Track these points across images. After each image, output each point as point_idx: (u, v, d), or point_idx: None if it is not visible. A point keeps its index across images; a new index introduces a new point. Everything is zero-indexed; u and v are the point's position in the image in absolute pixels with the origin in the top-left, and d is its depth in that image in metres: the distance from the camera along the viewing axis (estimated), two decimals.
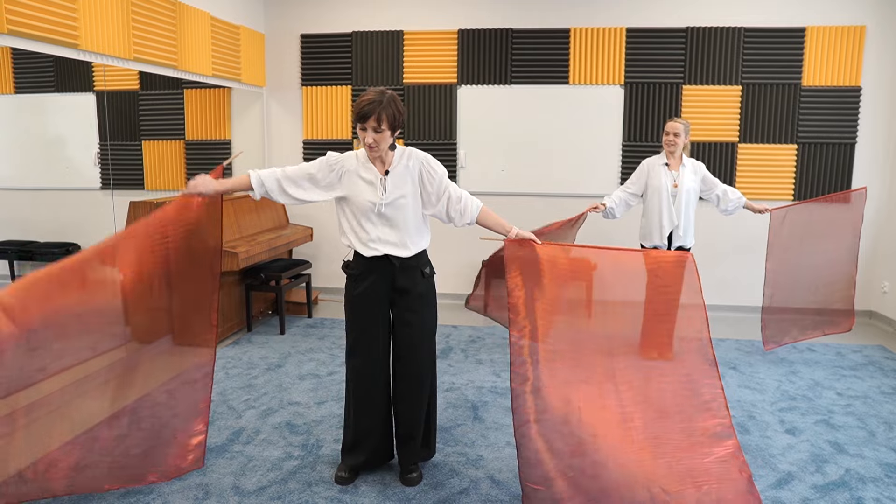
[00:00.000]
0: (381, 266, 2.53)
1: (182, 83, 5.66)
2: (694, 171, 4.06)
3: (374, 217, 2.50)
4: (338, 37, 5.59)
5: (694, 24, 5.19)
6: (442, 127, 5.55)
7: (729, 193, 4.06)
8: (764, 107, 5.19)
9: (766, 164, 5.25)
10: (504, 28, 5.38)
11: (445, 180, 2.56)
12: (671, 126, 3.98)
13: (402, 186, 2.51)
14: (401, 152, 2.54)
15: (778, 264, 4.27)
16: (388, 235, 2.51)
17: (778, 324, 4.36)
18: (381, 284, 2.56)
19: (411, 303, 2.58)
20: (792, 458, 2.91)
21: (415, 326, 2.60)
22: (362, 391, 2.63)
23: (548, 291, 2.52)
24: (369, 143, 2.42)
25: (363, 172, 2.51)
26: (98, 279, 2.49)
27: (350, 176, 2.51)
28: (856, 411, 3.45)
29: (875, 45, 5.03)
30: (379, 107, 2.37)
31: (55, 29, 3.29)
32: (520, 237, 2.54)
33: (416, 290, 2.58)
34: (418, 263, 2.59)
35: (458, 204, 2.55)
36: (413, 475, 2.67)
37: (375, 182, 2.49)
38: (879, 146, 5.15)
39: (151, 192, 5.77)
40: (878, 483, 2.71)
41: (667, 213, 4.01)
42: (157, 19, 4.11)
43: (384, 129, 2.40)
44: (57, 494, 2.49)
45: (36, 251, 5.53)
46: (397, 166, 2.51)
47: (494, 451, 2.95)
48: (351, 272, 2.60)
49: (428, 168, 2.54)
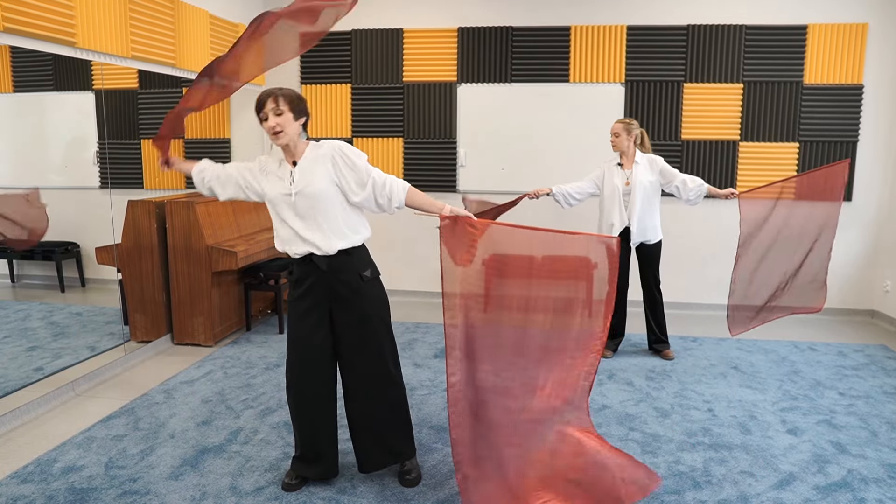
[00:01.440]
0: (314, 270, 2.45)
1: (181, 82, 5.63)
2: (650, 167, 4.09)
3: (287, 211, 2.43)
4: (337, 35, 5.57)
5: (695, 22, 5.16)
6: (442, 125, 5.53)
7: (688, 182, 4.03)
8: (765, 105, 5.17)
9: (767, 163, 5.23)
10: (504, 26, 5.36)
11: (366, 166, 2.45)
12: (612, 128, 4.11)
13: (312, 175, 2.41)
14: (314, 144, 2.48)
15: (751, 257, 3.96)
16: (305, 232, 2.42)
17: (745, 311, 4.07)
18: (317, 289, 2.47)
19: (349, 316, 2.48)
20: (794, 459, 2.89)
21: (356, 336, 2.50)
22: (302, 406, 2.56)
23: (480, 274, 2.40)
24: (272, 127, 2.36)
25: (272, 167, 2.50)
26: None
27: (266, 173, 2.50)
28: (858, 411, 3.43)
29: (877, 43, 5.00)
30: (278, 91, 2.37)
31: (52, 27, 3.28)
32: (454, 214, 2.40)
33: (354, 295, 2.46)
34: (352, 265, 2.46)
35: (383, 189, 2.42)
36: (411, 476, 2.65)
37: (285, 174, 2.45)
38: (881, 144, 5.12)
39: (150, 191, 5.74)
40: (881, 484, 2.68)
41: (618, 213, 4.08)
42: (155, 17, 4.10)
43: (284, 111, 2.35)
44: None
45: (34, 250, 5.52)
46: (307, 156, 2.45)
47: None
48: (291, 278, 2.57)
49: (342, 155, 2.43)
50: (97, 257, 4.48)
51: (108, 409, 3.40)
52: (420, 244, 5.66)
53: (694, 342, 4.62)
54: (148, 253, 4.37)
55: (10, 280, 5.66)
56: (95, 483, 2.63)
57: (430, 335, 4.72)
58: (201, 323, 4.43)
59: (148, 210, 4.35)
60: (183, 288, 4.41)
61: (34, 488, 2.58)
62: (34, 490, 2.57)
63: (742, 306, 4.03)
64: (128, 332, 4.46)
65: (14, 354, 4.05)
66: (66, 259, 5.50)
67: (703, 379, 3.89)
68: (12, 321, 4.81)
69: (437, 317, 5.16)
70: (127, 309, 4.48)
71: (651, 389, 3.71)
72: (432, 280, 5.56)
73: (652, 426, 3.22)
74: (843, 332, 4.96)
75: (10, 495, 2.53)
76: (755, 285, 4.00)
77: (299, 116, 2.42)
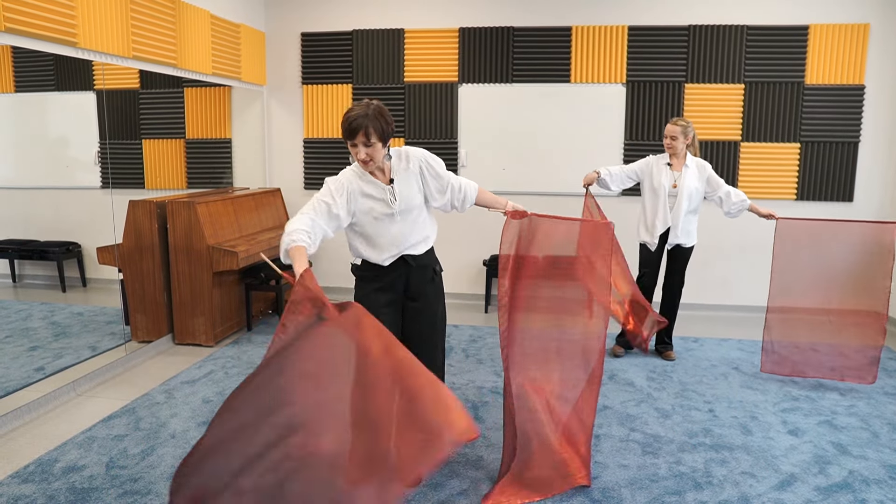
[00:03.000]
0: (395, 266, 2.52)
1: (182, 82, 5.64)
2: (698, 172, 4.03)
3: (390, 227, 2.46)
4: (338, 35, 5.57)
5: (696, 23, 5.16)
6: (443, 125, 5.53)
7: (732, 196, 3.99)
8: (767, 105, 5.17)
9: (768, 163, 5.23)
10: (505, 26, 5.36)
11: (446, 174, 2.57)
12: (669, 129, 4.00)
13: (410, 189, 2.49)
14: (397, 155, 2.49)
15: (784, 285, 3.73)
16: (404, 240, 2.49)
17: (782, 352, 3.84)
18: (396, 283, 2.54)
19: (425, 299, 2.59)
20: (794, 460, 2.89)
21: (428, 321, 2.61)
22: None
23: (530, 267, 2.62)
24: (363, 160, 2.36)
25: (367, 188, 2.44)
26: None
27: (355, 196, 2.43)
28: (859, 412, 3.43)
29: (879, 44, 5.00)
30: (366, 120, 2.29)
31: (53, 27, 3.28)
32: (515, 208, 2.62)
33: (428, 287, 2.60)
34: (430, 261, 2.60)
35: (459, 193, 2.59)
36: None
37: (383, 194, 2.44)
38: (883, 145, 5.11)
39: (151, 190, 5.75)
40: (882, 485, 2.68)
41: (661, 214, 4.00)
42: (156, 17, 4.10)
43: (374, 143, 2.32)
44: None
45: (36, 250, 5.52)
46: (399, 171, 2.47)
47: (495, 451, 2.92)
48: (363, 274, 2.56)
49: (428, 165, 2.53)
50: (98, 257, 4.48)
51: (109, 408, 3.40)
52: None
53: (695, 343, 4.61)
54: (149, 253, 4.37)
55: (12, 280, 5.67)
56: (96, 483, 2.63)
57: None
58: (202, 323, 4.43)
59: (149, 210, 4.35)
60: (184, 288, 4.41)
61: (35, 488, 2.58)
62: (35, 490, 2.57)
63: (780, 343, 3.80)
64: (129, 332, 4.46)
65: (15, 354, 4.06)
66: (68, 259, 5.51)
67: (705, 380, 3.89)
68: (14, 321, 4.81)
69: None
70: (128, 309, 4.48)
71: (652, 390, 3.71)
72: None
73: (653, 427, 3.22)
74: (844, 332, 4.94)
75: (11, 495, 2.53)
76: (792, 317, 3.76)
77: (387, 142, 2.41)
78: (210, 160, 5.77)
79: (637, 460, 2.87)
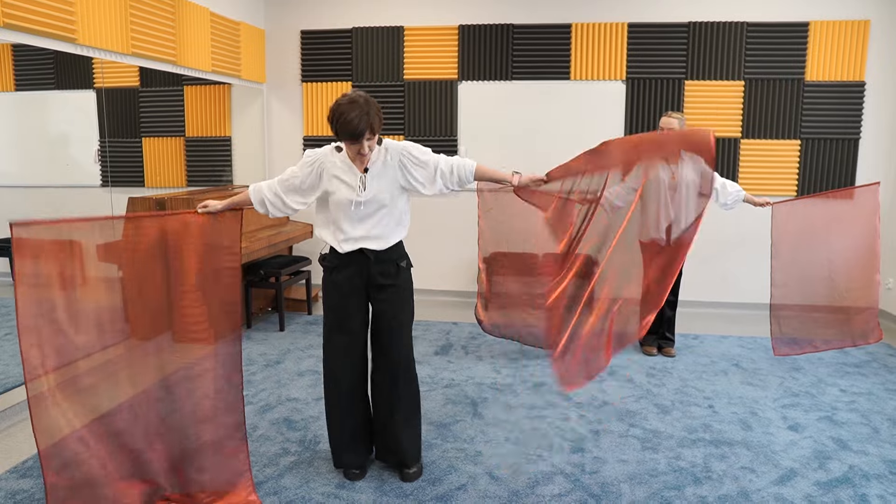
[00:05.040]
0: (356, 259, 2.51)
1: (182, 80, 5.64)
2: (693, 164, 4.03)
3: (351, 214, 2.46)
4: (338, 33, 5.57)
5: (696, 19, 5.15)
6: (442, 123, 5.53)
7: (728, 187, 4.00)
8: (767, 102, 5.15)
9: (768, 160, 5.21)
10: (505, 23, 5.35)
11: (432, 160, 2.54)
12: (665, 122, 3.98)
13: (381, 182, 2.47)
14: (378, 148, 2.49)
15: (785, 263, 4.01)
16: (364, 231, 2.48)
17: (792, 324, 4.05)
18: (357, 276, 2.54)
19: (388, 295, 2.56)
20: (794, 455, 2.88)
21: (390, 318, 2.58)
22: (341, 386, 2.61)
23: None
24: (364, 154, 2.39)
25: (342, 173, 2.46)
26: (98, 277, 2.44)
27: (329, 175, 2.47)
28: (860, 408, 3.42)
29: (879, 40, 4.99)
30: (367, 118, 2.30)
31: (52, 23, 3.28)
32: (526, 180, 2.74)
33: (392, 282, 2.56)
34: (394, 256, 2.56)
35: (451, 176, 2.57)
36: (412, 470, 2.64)
37: (354, 181, 2.45)
38: (883, 141, 5.10)
39: (151, 188, 5.75)
40: (882, 480, 2.67)
41: (664, 208, 3.99)
42: (155, 14, 4.10)
43: (375, 136, 2.38)
44: None
45: None
46: (376, 162, 2.47)
47: (493, 447, 2.92)
48: (327, 265, 2.59)
49: (409, 157, 2.50)
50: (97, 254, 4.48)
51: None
52: (419, 242, 5.64)
53: (695, 339, 4.61)
54: None
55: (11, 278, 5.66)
56: None
57: (431, 332, 4.71)
58: None
59: (148, 207, 4.35)
60: None
61: (33, 483, 2.58)
62: (33, 485, 2.57)
63: (787, 306, 4.00)
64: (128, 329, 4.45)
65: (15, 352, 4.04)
66: None
67: (705, 376, 3.88)
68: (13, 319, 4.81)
69: (437, 314, 5.16)
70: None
71: (652, 386, 3.70)
72: (434, 278, 5.55)
73: (652, 422, 3.21)
74: None
75: (9, 490, 2.53)
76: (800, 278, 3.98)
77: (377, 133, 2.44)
78: (210, 158, 5.77)
79: (636, 455, 2.86)
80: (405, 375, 2.62)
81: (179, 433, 2.45)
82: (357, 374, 2.63)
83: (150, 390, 2.48)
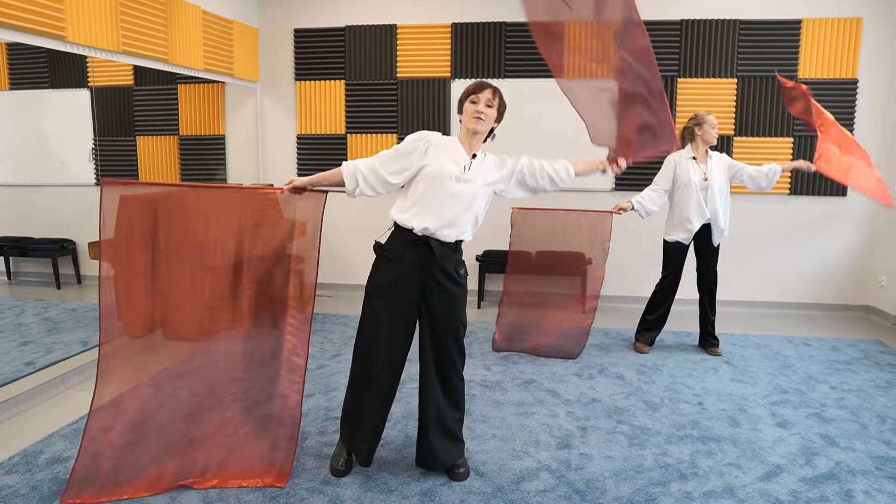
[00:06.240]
0: (419, 251, 2.47)
1: (176, 78, 5.65)
2: (720, 163, 4.03)
3: (448, 188, 2.42)
4: (331, 31, 5.58)
5: (688, 17, 5.15)
6: (435, 121, 5.53)
7: (763, 168, 4.00)
8: (760, 99, 5.15)
9: (762, 158, 5.20)
10: (497, 21, 5.35)
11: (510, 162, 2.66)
12: (710, 120, 3.97)
13: (484, 172, 2.54)
14: (486, 151, 2.63)
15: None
16: (445, 213, 2.43)
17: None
18: (417, 268, 2.48)
19: (443, 295, 2.51)
20: (782, 451, 2.88)
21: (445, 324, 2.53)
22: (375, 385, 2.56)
23: None
24: (478, 112, 2.46)
25: (450, 152, 2.50)
26: None
27: (437, 149, 2.48)
28: (849, 405, 3.41)
29: (871, 37, 4.98)
30: (496, 87, 2.52)
31: (42, 20, 3.28)
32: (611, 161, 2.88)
33: (448, 285, 2.51)
34: (455, 255, 2.52)
35: (548, 183, 2.71)
36: (461, 470, 2.62)
37: (460, 160, 2.49)
38: (875, 138, 5.10)
39: None
40: (868, 476, 2.67)
41: (696, 208, 3.97)
42: (146, 12, 4.10)
43: (494, 105, 2.50)
44: None
45: (31, 247, 5.54)
46: (479, 156, 2.56)
47: (480, 443, 2.92)
48: (384, 253, 2.52)
49: (496, 159, 2.64)
50: (90, 252, 4.50)
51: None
52: None
53: (687, 337, 4.60)
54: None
55: (7, 277, 5.68)
56: None
57: None
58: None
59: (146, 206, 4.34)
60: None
61: (18, 479, 2.58)
62: (18, 481, 2.57)
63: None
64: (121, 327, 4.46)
65: (6, 349, 4.06)
66: (62, 256, 5.52)
67: (695, 373, 3.88)
68: (7, 317, 4.82)
69: None
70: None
71: (642, 383, 3.70)
72: None
73: (641, 419, 3.21)
74: (837, 327, 4.94)
75: None
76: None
77: (498, 120, 2.57)
78: (204, 156, 5.77)
79: (623, 452, 2.86)
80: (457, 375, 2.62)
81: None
82: (395, 378, 2.59)
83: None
